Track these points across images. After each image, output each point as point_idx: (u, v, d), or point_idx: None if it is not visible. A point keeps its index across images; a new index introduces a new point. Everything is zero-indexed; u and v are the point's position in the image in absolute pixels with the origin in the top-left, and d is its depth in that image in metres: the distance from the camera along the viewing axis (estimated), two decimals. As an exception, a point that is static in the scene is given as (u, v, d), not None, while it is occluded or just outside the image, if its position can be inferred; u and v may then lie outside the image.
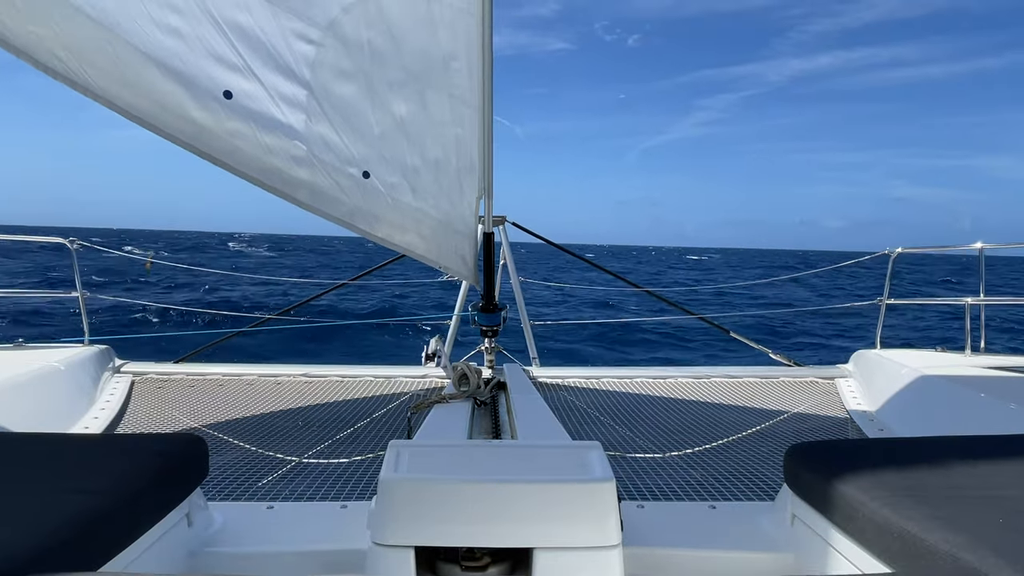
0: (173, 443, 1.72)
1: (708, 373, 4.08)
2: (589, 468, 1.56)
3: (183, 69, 2.06)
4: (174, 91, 2.06)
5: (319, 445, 2.89)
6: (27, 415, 2.79)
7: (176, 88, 2.06)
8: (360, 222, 2.90)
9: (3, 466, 1.52)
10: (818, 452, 1.74)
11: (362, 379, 3.94)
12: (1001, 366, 3.51)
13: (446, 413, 2.83)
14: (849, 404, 3.58)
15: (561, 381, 3.94)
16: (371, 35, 2.62)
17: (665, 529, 1.86)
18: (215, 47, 2.15)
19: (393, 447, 1.65)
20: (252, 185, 2.53)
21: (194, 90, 2.12)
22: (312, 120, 2.58)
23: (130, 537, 1.40)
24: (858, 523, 1.43)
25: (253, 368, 4.00)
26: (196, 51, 2.08)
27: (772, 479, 2.51)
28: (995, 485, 1.46)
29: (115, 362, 3.81)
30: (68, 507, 1.27)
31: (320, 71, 2.54)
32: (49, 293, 4.84)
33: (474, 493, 1.46)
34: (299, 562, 1.69)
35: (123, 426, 3.14)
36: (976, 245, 3.83)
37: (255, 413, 3.35)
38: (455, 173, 3.06)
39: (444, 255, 3.22)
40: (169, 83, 2.04)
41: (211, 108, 2.20)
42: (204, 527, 1.78)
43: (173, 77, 2.04)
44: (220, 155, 2.31)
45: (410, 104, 2.80)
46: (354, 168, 2.78)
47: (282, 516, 1.93)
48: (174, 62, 2.03)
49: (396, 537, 1.45)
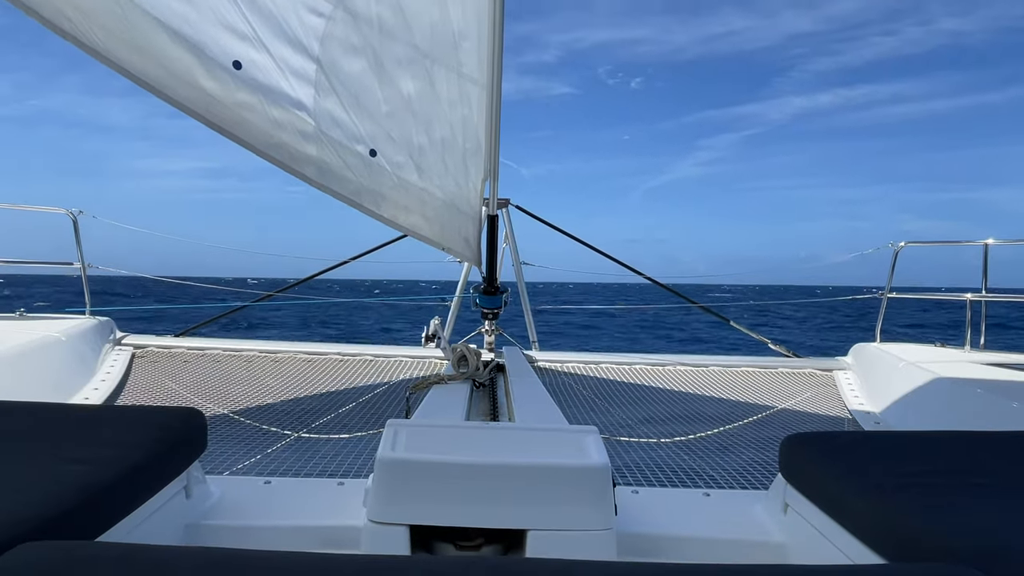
0: (172, 416, 1.71)
1: (707, 361, 4.07)
2: (585, 452, 1.57)
3: (193, 36, 2.05)
4: (183, 58, 2.04)
5: (317, 422, 2.89)
6: (28, 385, 2.79)
7: (185, 55, 2.05)
8: (366, 201, 2.88)
9: (3, 435, 1.51)
10: (814, 443, 1.74)
11: (362, 358, 3.94)
12: (1000, 363, 3.50)
13: (444, 394, 2.83)
14: (847, 396, 3.58)
15: (560, 366, 3.94)
16: (380, 9, 2.60)
17: (659, 515, 1.87)
18: (226, 15, 2.13)
19: (391, 426, 1.65)
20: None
21: (203, 58, 2.10)
22: (320, 95, 2.56)
23: (128, 508, 1.40)
24: (851, 514, 1.43)
25: (254, 344, 4.00)
26: (207, 19, 2.07)
27: (767, 468, 2.51)
28: (990, 479, 1.46)
29: (116, 334, 3.80)
30: (67, 477, 1.27)
31: (329, 45, 2.52)
32: (51, 263, 4.82)
33: (470, 474, 1.47)
34: (295, 537, 1.69)
35: (123, 398, 3.14)
36: (985, 241, 3.81)
37: (255, 388, 3.35)
38: (461, 154, 3.05)
39: (448, 236, 3.22)
40: (179, 50, 2.02)
41: (220, 78, 2.18)
42: (202, 500, 1.78)
43: (183, 44, 2.03)
44: (229, 126, 2.29)
45: (418, 82, 2.79)
46: (361, 146, 2.76)
47: (279, 491, 1.93)
48: (184, 28, 2.02)
49: (391, 515, 1.45)
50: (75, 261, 3.96)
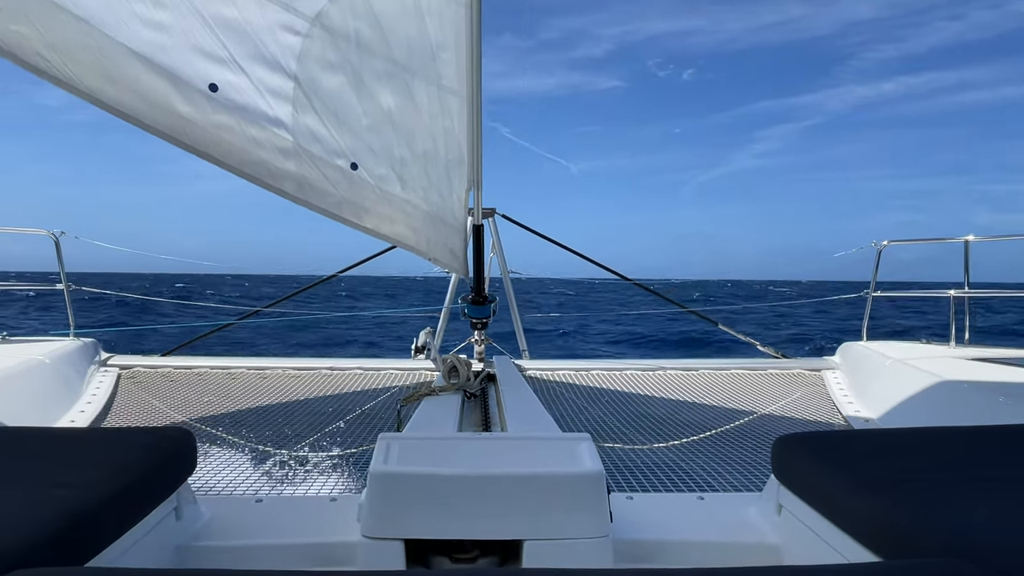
0: (160, 436, 1.69)
1: (696, 365, 4.08)
2: (579, 460, 1.56)
3: (168, 63, 2.04)
4: (158, 85, 2.04)
5: (308, 438, 2.88)
6: (12, 409, 2.75)
7: (160, 82, 2.04)
8: (348, 213, 2.88)
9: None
10: (805, 443, 1.74)
11: (351, 372, 3.92)
12: (985, 357, 3.54)
13: (436, 406, 2.82)
14: (836, 396, 3.60)
15: (551, 374, 3.94)
16: (358, 25, 2.60)
17: (654, 520, 1.87)
18: (200, 40, 2.12)
19: (383, 440, 1.65)
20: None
21: (179, 84, 2.10)
22: (299, 112, 2.56)
23: (118, 532, 1.39)
24: (845, 513, 1.43)
25: (241, 361, 3.97)
26: (181, 45, 2.06)
27: (760, 470, 2.52)
28: (981, 474, 1.47)
29: (101, 355, 3.77)
30: (55, 502, 1.25)
31: (307, 62, 2.52)
32: (33, 285, 4.77)
33: (464, 486, 1.46)
34: (289, 555, 1.67)
35: (110, 420, 3.11)
36: (966, 238, 3.86)
37: (243, 406, 3.33)
38: (444, 165, 3.04)
39: (433, 247, 3.21)
40: (154, 77, 2.02)
41: (196, 101, 2.18)
42: (192, 521, 1.77)
43: (157, 71, 2.02)
44: (205, 147, 2.29)
45: (398, 95, 2.78)
46: (342, 160, 2.76)
47: (271, 509, 1.91)
48: (159, 56, 2.01)
49: (386, 530, 1.45)
50: (58, 283, 3.92)
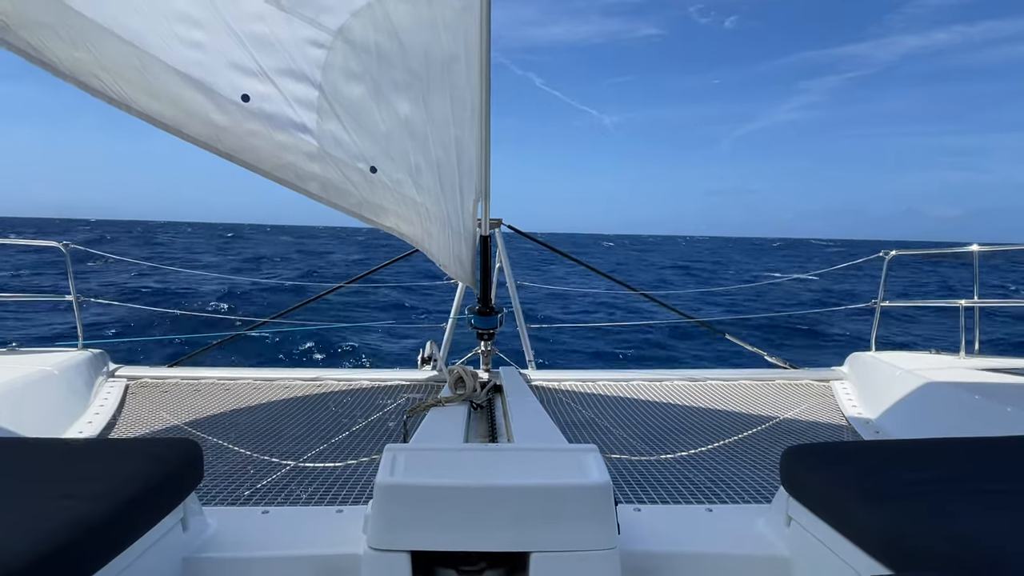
0: (168, 447, 1.69)
1: (704, 376, 4.04)
2: (586, 471, 1.55)
3: (204, 77, 2.26)
4: (195, 98, 2.26)
5: (314, 449, 2.86)
6: (21, 420, 2.76)
7: (197, 95, 2.26)
8: (368, 212, 3.09)
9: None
10: (814, 454, 1.73)
11: (357, 382, 3.90)
12: (995, 368, 3.48)
13: (442, 417, 2.81)
14: (844, 406, 3.57)
15: (557, 384, 3.91)
16: (378, 38, 2.80)
17: (662, 532, 1.85)
18: (234, 56, 2.35)
19: (389, 451, 1.64)
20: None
21: (214, 96, 2.32)
22: (323, 119, 2.78)
23: (125, 542, 1.39)
24: (855, 525, 1.42)
25: (248, 372, 3.96)
26: (217, 61, 2.28)
27: (768, 481, 2.50)
28: (991, 486, 1.45)
29: (109, 366, 3.76)
30: (62, 513, 1.26)
31: (330, 73, 2.73)
32: (42, 297, 4.66)
33: (470, 497, 1.46)
34: (295, 567, 1.68)
35: (117, 431, 3.11)
36: (970, 248, 3.80)
37: (250, 417, 3.32)
38: (455, 174, 3.20)
39: (444, 254, 3.36)
40: (192, 91, 2.24)
41: (230, 111, 2.40)
42: (199, 532, 1.77)
43: (195, 85, 2.25)
44: (238, 153, 2.52)
45: (414, 105, 2.97)
46: (362, 163, 2.97)
47: (277, 521, 1.90)
48: (196, 71, 2.23)
49: (392, 542, 1.45)
50: (67, 294, 3.89)
